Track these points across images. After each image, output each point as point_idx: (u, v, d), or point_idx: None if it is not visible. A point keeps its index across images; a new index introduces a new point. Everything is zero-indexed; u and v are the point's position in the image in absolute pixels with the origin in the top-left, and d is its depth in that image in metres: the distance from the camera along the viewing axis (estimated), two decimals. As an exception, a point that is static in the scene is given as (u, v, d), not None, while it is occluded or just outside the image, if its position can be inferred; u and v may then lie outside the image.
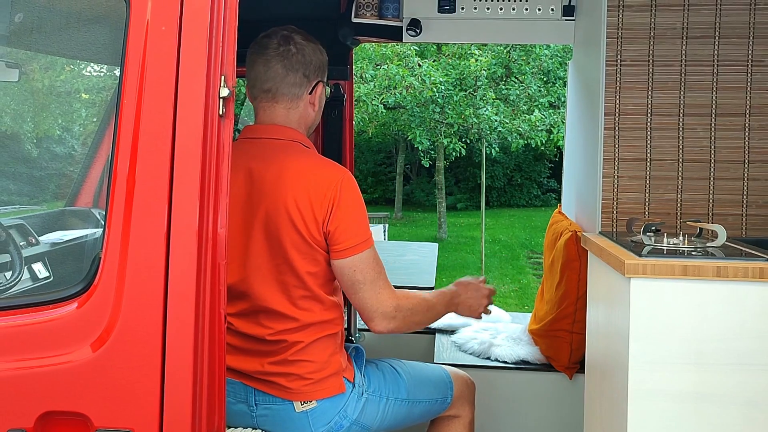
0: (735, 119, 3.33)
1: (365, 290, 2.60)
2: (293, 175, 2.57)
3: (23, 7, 2.65)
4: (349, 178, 2.62)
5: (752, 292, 2.47)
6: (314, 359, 2.62)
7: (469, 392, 3.09)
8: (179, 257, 1.85)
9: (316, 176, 2.57)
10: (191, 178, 1.85)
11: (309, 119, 2.75)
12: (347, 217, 2.56)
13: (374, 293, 2.61)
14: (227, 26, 1.91)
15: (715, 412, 2.50)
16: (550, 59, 16.17)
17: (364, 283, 2.59)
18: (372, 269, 2.61)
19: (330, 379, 2.65)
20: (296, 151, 2.66)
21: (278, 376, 2.62)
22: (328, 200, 2.55)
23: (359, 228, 2.59)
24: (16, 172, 3.49)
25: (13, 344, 1.93)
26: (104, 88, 3.66)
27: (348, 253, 2.57)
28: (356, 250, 2.57)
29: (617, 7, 3.34)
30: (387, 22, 4.33)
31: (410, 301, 2.72)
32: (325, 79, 2.78)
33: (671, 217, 3.36)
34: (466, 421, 3.05)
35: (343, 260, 2.57)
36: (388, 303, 2.63)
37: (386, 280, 2.66)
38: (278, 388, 2.62)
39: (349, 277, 2.60)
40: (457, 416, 3.04)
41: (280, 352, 2.62)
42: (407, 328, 2.73)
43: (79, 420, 1.89)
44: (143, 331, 1.86)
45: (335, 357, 2.66)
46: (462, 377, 3.09)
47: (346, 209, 2.56)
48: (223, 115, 1.91)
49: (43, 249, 3.22)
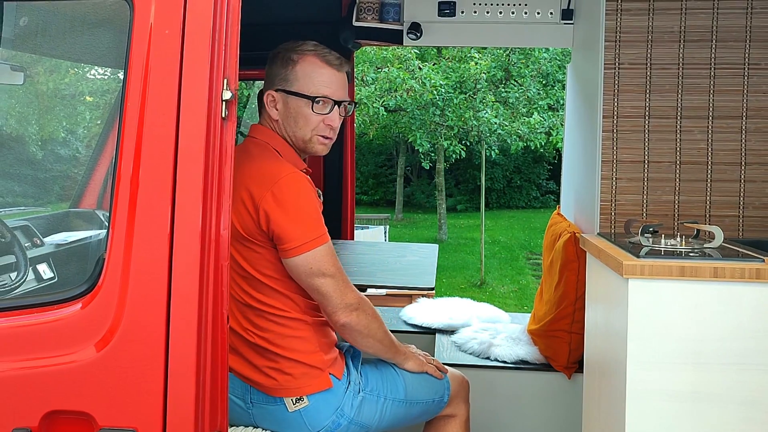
0: (732, 122, 3.33)
1: (327, 283, 2.55)
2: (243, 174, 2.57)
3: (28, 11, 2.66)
4: (292, 177, 2.56)
5: (749, 292, 2.47)
6: (292, 356, 2.61)
7: (464, 391, 3.09)
8: (182, 258, 1.85)
9: (258, 175, 2.56)
10: (194, 180, 1.86)
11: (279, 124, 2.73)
12: (288, 217, 2.51)
13: (336, 286, 2.56)
14: (230, 30, 1.91)
15: (713, 411, 2.50)
16: (549, 62, 16.15)
17: (324, 276, 2.54)
18: (330, 265, 2.56)
19: (313, 375, 2.64)
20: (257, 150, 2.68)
21: (259, 372, 2.62)
22: (263, 200, 2.52)
23: (305, 226, 2.53)
24: (21, 174, 3.50)
25: (18, 344, 1.93)
26: (108, 91, 3.66)
27: (297, 251, 2.52)
28: (306, 248, 2.51)
29: (615, 11, 3.35)
30: (388, 26, 4.34)
31: (372, 308, 2.70)
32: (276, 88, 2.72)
33: (669, 218, 3.36)
34: (461, 420, 3.05)
35: (294, 258, 2.53)
36: (351, 296, 2.59)
37: (347, 277, 2.62)
38: (262, 385, 2.63)
39: (306, 273, 2.54)
40: (453, 415, 3.03)
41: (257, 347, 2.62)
42: (367, 332, 2.67)
43: (83, 419, 1.89)
44: (147, 331, 1.86)
45: (316, 353, 2.65)
46: (457, 376, 3.08)
47: (285, 209, 2.52)
48: (225, 118, 1.91)
49: (48, 250, 3.22)
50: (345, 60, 2.78)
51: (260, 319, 2.62)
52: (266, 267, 2.60)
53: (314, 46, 2.72)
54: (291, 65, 2.69)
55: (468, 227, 23.76)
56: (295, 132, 2.71)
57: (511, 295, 15.26)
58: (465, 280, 16.45)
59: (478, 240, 17.94)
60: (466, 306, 4.91)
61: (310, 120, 2.69)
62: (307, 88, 2.68)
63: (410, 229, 23.68)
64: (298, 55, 2.70)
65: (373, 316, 2.69)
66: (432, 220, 24.24)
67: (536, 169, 29.01)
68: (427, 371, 2.92)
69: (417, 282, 3.55)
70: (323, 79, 2.69)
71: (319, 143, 2.73)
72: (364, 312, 2.64)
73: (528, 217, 26.24)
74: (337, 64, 2.73)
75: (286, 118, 2.71)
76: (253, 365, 2.63)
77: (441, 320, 4.60)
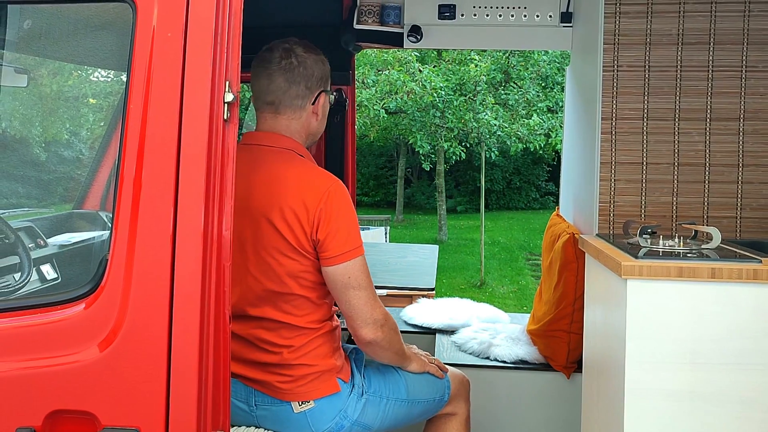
0: (729, 124, 3.33)
1: (360, 296, 2.57)
2: (283, 183, 2.57)
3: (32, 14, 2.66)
4: (339, 187, 2.60)
5: (746, 293, 2.47)
6: (306, 362, 2.62)
7: (464, 390, 3.09)
8: (185, 259, 1.85)
9: (306, 185, 2.57)
10: (196, 182, 1.86)
11: (311, 128, 2.75)
12: (336, 226, 2.54)
13: (368, 300, 2.58)
14: (232, 33, 1.91)
15: (710, 410, 2.50)
16: (548, 65, 16.16)
17: (358, 288, 2.56)
18: (366, 276, 2.58)
19: (323, 379, 2.64)
20: (288, 159, 2.66)
21: (271, 376, 2.62)
22: (317, 209, 2.53)
23: (349, 236, 2.56)
24: (25, 175, 3.50)
25: (22, 344, 1.93)
26: (111, 93, 3.66)
27: (339, 260, 2.54)
28: (347, 257, 2.54)
29: (614, 14, 3.35)
30: (388, 29, 4.34)
31: (394, 321, 2.71)
32: (328, 88, 2.78)
33: (667, 219, 3.36)
34: (462, 419, 3.05)
35: (335, 267, 2.55)
36: (379, 311, 2.60)
37: (376, 293, 2.64)
38: (272, 389, 2.63)
39: (343, 283, 2.57)
40: (454, 414, 3.04)
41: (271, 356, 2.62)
42: (389, 346, 2.69)
43: (86, 418, 1.89)
44: (149, 332, 1.86)
45: (328, 359, 2.65)
46: (457, 375, 3.08)
47: (335, 218, 2.54)
48: (227, 120, 1.91)
49: (52, 251, 3.22)
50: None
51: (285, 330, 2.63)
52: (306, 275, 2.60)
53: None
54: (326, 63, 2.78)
55: (468, 228, 23.77)
56: (319, 130, 2.81)
57: (511, 295, 15.27)
58: (465, 280, 16.46)
59: (477, 241, 17.95)
60: (466, 306, 4.91)
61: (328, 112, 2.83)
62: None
63: (411, 230, 23.69)
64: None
65: (396, 330, 2.71)
66: (432, 221, 24.25)
67: (535, 170, 29.03)
68: (429, 371, 2.93)
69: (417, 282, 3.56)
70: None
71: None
72: (389, 328, 2.65)
73: (527, 218, 26.27)
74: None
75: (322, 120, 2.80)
76: (261, 369, 2.63)
77: (441, 320, 4.60)
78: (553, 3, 4.20)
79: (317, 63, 2.73)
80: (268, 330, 2.62)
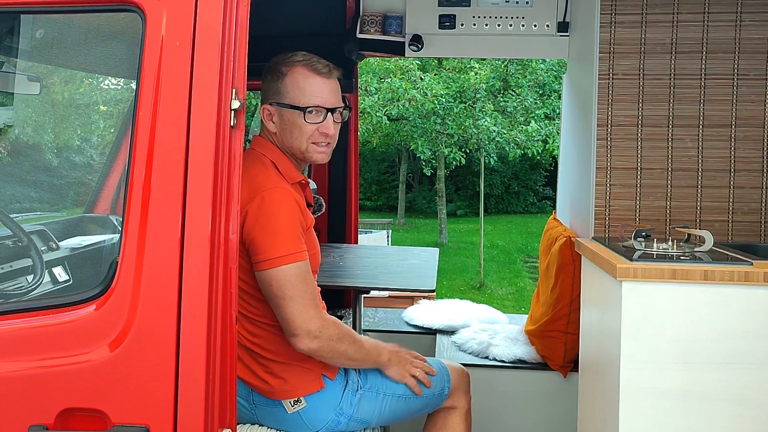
0: (721, 130, 3.34)
1: (286, 306, 2.45)
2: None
3: (44, 24, 2.66)
4: (273, 192, 2.51)
5: (738, 294, 2.47)
6: (283, 359, 2.59)
7: (464, 383, 3.05)
8: (192, 261, 1.85)
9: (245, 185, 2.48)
10: (204, 186, 1.86)
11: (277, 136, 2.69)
12: (262, 229, 2.46)
13: (297, 310, 2.45)
14: (238, 42, 1.92)
15: (703, 408, 2.50)
16: (545, 73, 16.14)
17: (283, 298, 2.45)
18: (293, 286, 2.45)
19: (304, 377, 2.62)
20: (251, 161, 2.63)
21: (255, 377, 2.62)
22: (244, 209, 2.46)
23: (276, 243, 2.45)
24: (38, 180, 3.50)
25: (34, 344, 1.94)
26: (121, 100, 3.66)
27: (263, 266, 2.45)
28: (271, 264, 2.44)
29: (609, 24, 3.35)
30: (390, 38, 4.35)
31: (338, 329, 2.54)
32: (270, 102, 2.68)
33: (661, 223, 3.36)
34: (462, 412, 3.01)
35: (260, 273, 2.47)
36: (314, 322, 2.46)
37: (313, 301, 2.50)
38: (260, 389, 2.63)
39: (268, 291, 2.48)
40: (454, 407, 2.99)
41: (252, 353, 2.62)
42: (331, 355, 2.54)
43: (97, 416, 1.89)
44: (158, 332, 1.87)
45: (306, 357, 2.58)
46: (457, 369, 3.04)
47: (262, 221, 2.46)
48: (234, 126, 1.91)
49: (63, 254, 3.22)
50: (334, 66, 2.71)
51: (251, 326, 2.61)
52: (250, 277, 2.54)
53: (303, 56, 2.66)
54: (281, 78, 2.64)
55: (467, 231, 23.73)
56: (291, 143, 2.66)
57: (509, 297, 15.24)
58: (465, 282, 16.43)
59: (477, 244, 17.92)
60: (466, 307, 4.92)
61: (305, 130, 2.63)
62: (297, 99, 2.62)
63: (412, 233, 23.66)
64: (287, 67, 2.65)
65: (341, 339, 2.55)
66: (433, 225, 24.22)
67: (533, 175, 28.99)
68: (407, 384, 2.81)
69: (418, 284, 3.55)
70: (313, 88, 2.63)
71: (316, 152, 2.67)
72: (327, 339, 2.50)
73: (525, 221, 26.22)
74: (326, 72, 2.66)
75: (283, 131, 2.66)
76: (251, 370, 2.63)
77: (441, 321, 4.60)
78: (551, 13, 4.21)
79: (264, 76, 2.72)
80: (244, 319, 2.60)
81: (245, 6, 1.93)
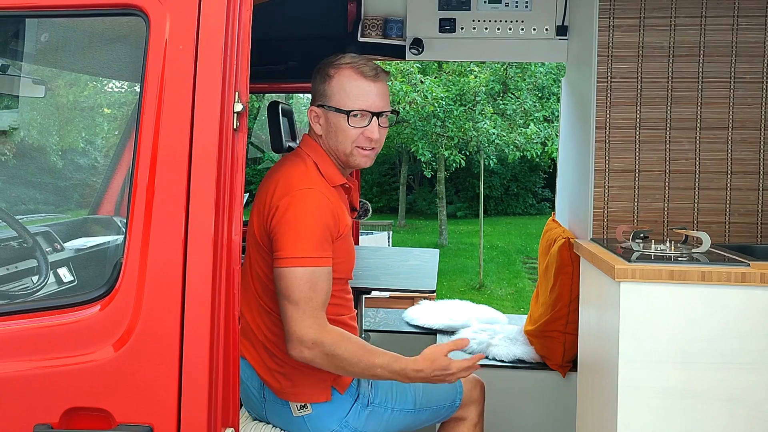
0: (718, 133, 3.34)
1: (287, 308, 2.39)
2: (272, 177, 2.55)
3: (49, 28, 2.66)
4: (306, 193, 2.47)
5: (734, 295, 2.47)
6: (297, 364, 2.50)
7: (478, 394, 2.97)
8: (196, 262, 1.85)
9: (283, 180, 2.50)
10: (207, 188, 1.86)
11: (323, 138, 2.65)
12: (286, 227, 2.41)
13: (297, 315, 2.37)
14: (241, 45, 1.92)
15: (700, 407, 2.50)
16: (544, 76, 16.14)
17: (287, 299, 2.38)
18: (299, 290, 2.37)
19: (313, 384, 2.58)
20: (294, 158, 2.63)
21: (268, 372, 2.60)
22: (276, 203, 2.45)
23: (294, 242, 2.39)
24: (43, 182, 3.51)
25: (40, 344, 1.94)
26: (125, 103, 3.67)
27: (278, 263, 2.41)
28: (287, 263, 2.38)
29: (608, 28, 3.35)
30: (391, 42, 4.35)
31: (341, 345, 2.39)
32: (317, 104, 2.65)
33: (659, 224, 3.36)
34: (471, 424, 2.94)
35: (275, 269, 2.43)
36: (309, 333, 2.36)
37: (316, 311, 2.39)
38: (271, 385, 2.60)
39: (277, 288, 2.43)
40: (464, 418, 2.93)
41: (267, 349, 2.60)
42: (327, 367, 2.42)
43: (101, 415, 1.89)
44: (162, 332, 1.87)
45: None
46: (471, 380, 2.97)
47: (288, 218, 2.42)
48: (237, 129, 1.91)
49: (68, 255, 3.22)
50: (382, 70, 2.64)
51: (272, 323, 2.58)
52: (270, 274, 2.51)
53: (350, 59, 2.61)
54: (328, 80, 2.60)
55: (467, 233, 23.73)
56: (336, 146, 2.61)
57: (509, 297, 15.24)
58: (464, 283, 16.43)
59: (477, 245, 17.92)
60: (466, 308, 4.91)
61: (349, 134, 2.57)
62: (343, 103, 2.57)
63: (412, 234, 23.66)
64: (334, 69, 2.60)
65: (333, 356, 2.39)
66: (433, 226, 24.22)
67: (532, 177, 28.99)
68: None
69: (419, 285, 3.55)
70: (359, 91, 2.57)
71: (360, 156, 2.61)
72: (321, 352, 2.38)
73: (524, 223, 26.22)
74: (372, 75, 2.59)
75: (328, 133, 2.61)
76: (265, 365, 2.61)
77: (442, 321, 4.60)
78: (549, 17, 4.21)
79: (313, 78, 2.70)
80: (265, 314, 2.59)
81: (248, 10, 1.93)
